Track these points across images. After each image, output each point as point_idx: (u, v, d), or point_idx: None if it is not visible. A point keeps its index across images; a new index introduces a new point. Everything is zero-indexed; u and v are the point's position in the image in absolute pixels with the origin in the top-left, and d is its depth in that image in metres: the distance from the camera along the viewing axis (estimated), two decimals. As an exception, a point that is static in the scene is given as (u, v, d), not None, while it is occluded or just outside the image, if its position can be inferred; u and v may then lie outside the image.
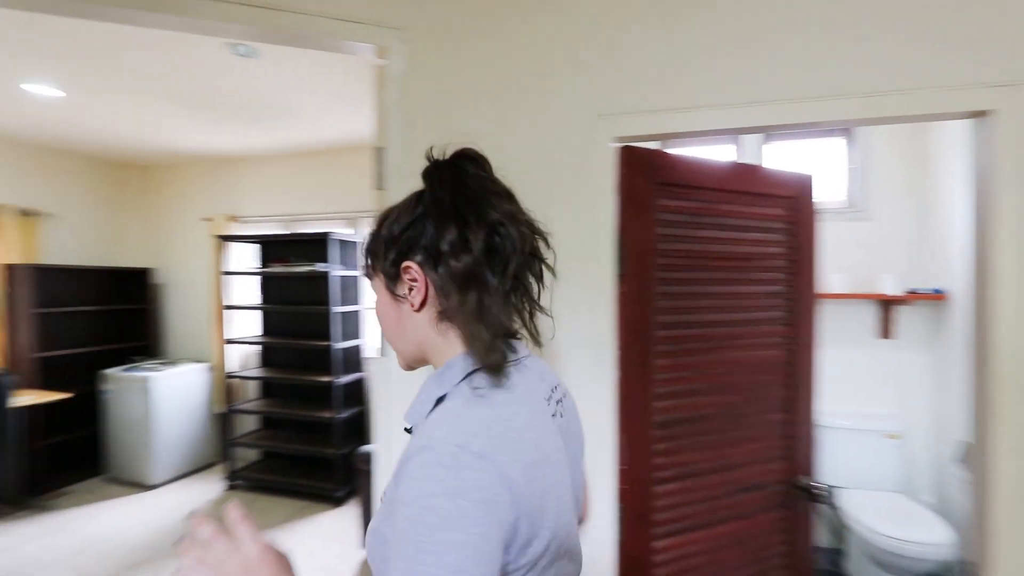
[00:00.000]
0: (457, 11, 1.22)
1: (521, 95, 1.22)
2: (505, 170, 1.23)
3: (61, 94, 2.79)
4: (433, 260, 0.58)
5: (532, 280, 0.63)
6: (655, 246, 1.17)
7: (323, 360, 3.64)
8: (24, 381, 3.45)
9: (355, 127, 3.27)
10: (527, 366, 0.62)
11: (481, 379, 0.56)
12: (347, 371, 3.50)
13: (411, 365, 0.67)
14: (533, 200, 1.21)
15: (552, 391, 0.65)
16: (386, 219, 0.64)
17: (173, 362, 3.99)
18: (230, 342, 3.66)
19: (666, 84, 1.18)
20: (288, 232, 3.85)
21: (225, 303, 3.72)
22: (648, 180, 1.17)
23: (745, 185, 1.15)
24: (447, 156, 0.63)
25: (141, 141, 3.64)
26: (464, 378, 0.57)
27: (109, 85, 2.66)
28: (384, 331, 0.66)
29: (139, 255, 4.48)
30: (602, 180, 1.19)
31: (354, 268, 3.61)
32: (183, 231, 4.36)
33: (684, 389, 1.15)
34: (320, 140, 3.56)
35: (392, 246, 0.62)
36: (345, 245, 3.50)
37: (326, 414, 3.40)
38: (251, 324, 3.97)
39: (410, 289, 0.61)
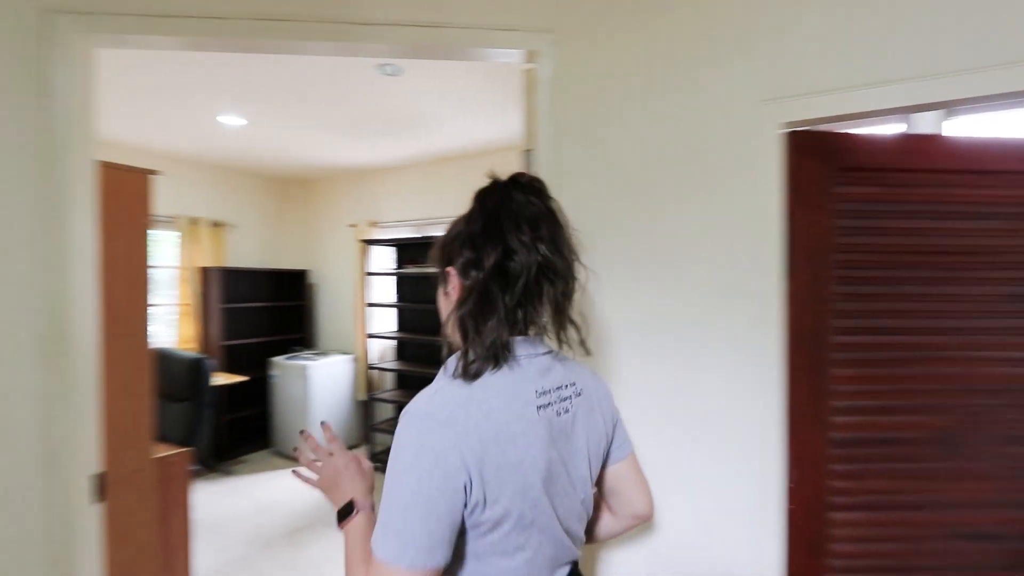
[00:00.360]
0: (607, 9, 1.19)
1: (675, 89, 1.16)
2: (657, 165, 1.19)
3: (244, 123, 3.27)
4: (471, 268, 0.69)
5: (550, 297, 0.70)
6: (832, 240, 1.03)
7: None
8: (215, 365, 4.12)
9: (489, 132, 3.40)
10: (528, 363, 0.70)
11: (468, 365, 0.66)
12: (474, 367, 3.65)
13: (453, 349, 0.74)
14: (688, 196, 1.15)
15: (557, 389, 0.71)
16: (448, 229, 0.77)
17: (324, 353, 4.49)
18: (371, 337, 4.02)
19: (836, 62, 1.05)
20: (421, 235, 4.13)
21: (367, 301, 4.10)
22: (823, 165, 1.04)
23: (965, 162, 0.96)
24: (503, 179, 0.73)
25: (301, 159, 4.16)
26: (467, 364, 0.67)
27: (281, 112, 3.07)
28: (441, 318, 0.77)
29: (297, 258, 5.12)
30: (766, 169, 1.09)
31: (481, 269, 3.77)
32: (331, 236, 4.89)
33: (872, 405, 1.00)
34: (454, 146, 3.77)
35: (443, 252, 0.75)
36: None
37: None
38: (388, 320, 4.32)
39: (453, 288, 0.73)
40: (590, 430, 0.75)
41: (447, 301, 0.75)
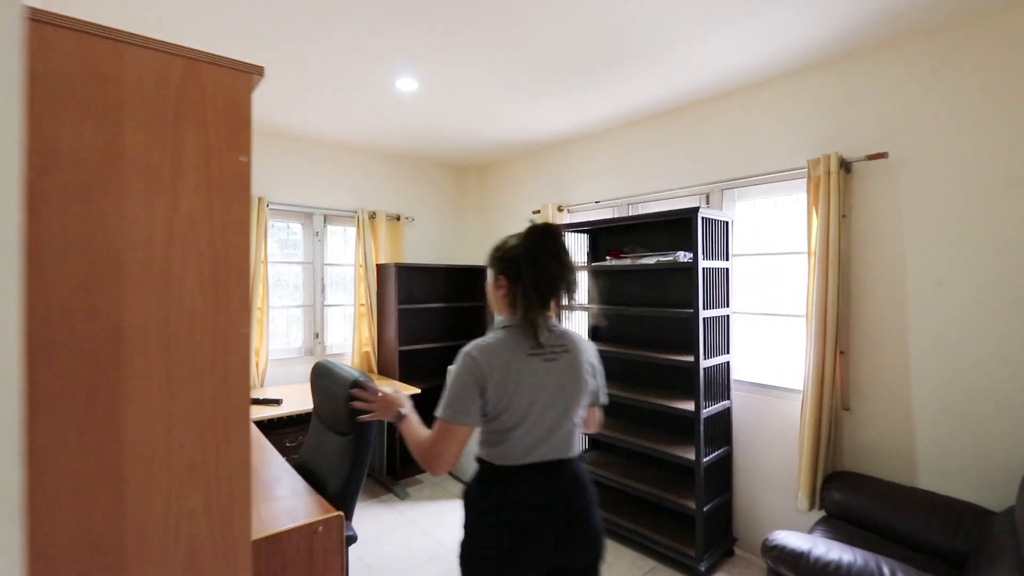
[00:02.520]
0: None
1: None
2: None
3: (416, 86, 2.69)
4: (515, 278, 1.25)
5: (560, 299, 1.25)
6: None
7: (674, 380, 2.81)
8: (390, 374, 3.72)
9: (740, 55, 2.23)
10: (519, 331, 1.24)
11: (499, 329, 1.26)
12: (707, 398, 2.56)
13: (496, 314, 1.36)
14: None
15: (550, 346, 1.23)
16: (503, 246, 1.32)
17: (504, 363, 3.82)
18: (562, 348, 3.17)
19: None
20: (624, 217, 3.17)
21: (556, 303, 3.27)
22: None
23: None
24: (537, 224, 1.26)
25: (477, 133, 3.51)
26: (500, 327, 1.27)
27: (455, 69, 2.40)
28: (491, 301, 1.35)
29: (474, 253, 4.58)
30: None
31: (721, 257, 2.65)
32: (512, 226, 4.21)
33: None
34: (677, 93, 2.70)
35: (499, 263, 1.30)
36: (707, 226, 2.55)
37: (680, 452, 2.54)
38: (580, 326, 3.45)
39: (500, 286, 1.29)
40: (574, 374, 1.25)
41: (496, 292, 1.31)
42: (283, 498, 1.64)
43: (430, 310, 4.12)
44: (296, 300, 3.73)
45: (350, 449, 1.76)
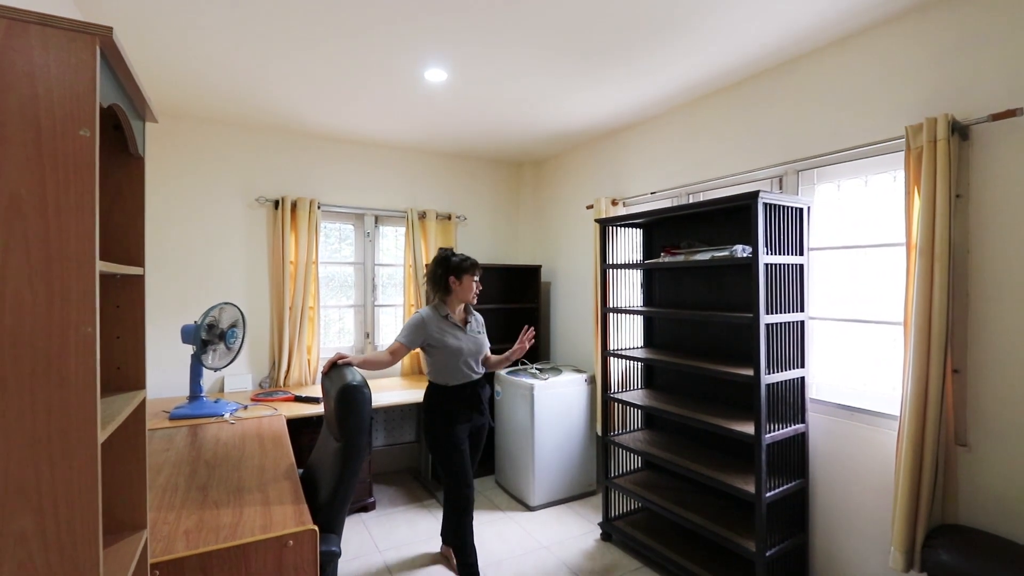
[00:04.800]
0: None
1: None
2: None
3: (445, 76, 2.57)
4: (456, 276, 2.44)
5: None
6: None
7: (735, 396, 2.40)
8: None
9: (800, 15, 1.84)
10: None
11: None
12: (773, 419, 2.14)
13: (455, 305, 2.51)
14: None
15: None
16: (449, 256, 2.48)
17: (555, 369, 3.58)
18: (614, 355, 2.88)
19: None
20: (672, 207, 2.79)
21: (608, 305, 2.97)
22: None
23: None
24: (443, 249, 2.53)
25: (524, 127, 3.32)
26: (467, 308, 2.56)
27: (486, 56, 2.24)
28: (470, 295, 2.50)
29: (529, 252, 4.40)
30: None
31: (792, 252, 2.21)
32: (566, 223, 3.97)
33: None
34: (743, 59, 2.30)
35: (452, 267, 2.44)
36: (775, 214, 2.14)
37: (738, 482, 2.15)
38: (634, 331, 3.12)
39: (457, 280, 2.45)
40: None
41: (457, 284, 2.44)
42: (266, 504, 1.57)
43: (482, 311, 3.99)
44: (348, 300, 3.79)
45: (340, 457, 1.66)
